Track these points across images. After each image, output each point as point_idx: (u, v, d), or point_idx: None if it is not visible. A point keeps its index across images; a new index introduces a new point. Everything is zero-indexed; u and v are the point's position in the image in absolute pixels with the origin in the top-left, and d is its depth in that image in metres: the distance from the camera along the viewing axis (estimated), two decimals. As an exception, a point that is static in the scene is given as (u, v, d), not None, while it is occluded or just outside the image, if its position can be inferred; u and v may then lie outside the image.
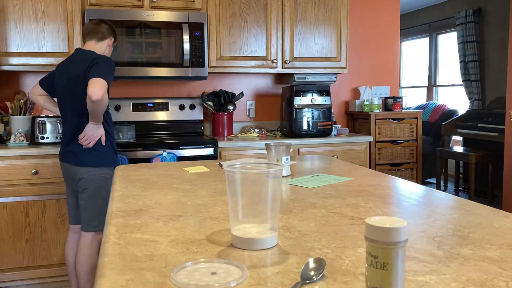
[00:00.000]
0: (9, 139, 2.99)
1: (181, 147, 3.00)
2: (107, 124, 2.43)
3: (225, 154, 3.12)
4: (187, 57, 3.15)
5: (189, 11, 3.21)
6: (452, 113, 5.96)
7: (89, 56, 2.36)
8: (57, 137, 3.01)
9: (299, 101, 3.40)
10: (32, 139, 2.99)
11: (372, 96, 4.00)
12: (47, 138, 3.00)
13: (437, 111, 6.17)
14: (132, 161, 2.88)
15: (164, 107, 3.49)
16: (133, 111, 3.42)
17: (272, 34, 3.41)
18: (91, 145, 2.36)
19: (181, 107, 3.51)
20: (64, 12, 3.02)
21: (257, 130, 3.54)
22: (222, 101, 3.53)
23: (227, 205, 1.30)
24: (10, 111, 3.13)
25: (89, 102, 2.20)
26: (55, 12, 3.00)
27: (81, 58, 2.38)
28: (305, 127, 3.41)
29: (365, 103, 3.81)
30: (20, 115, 3.08)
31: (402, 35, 7.42)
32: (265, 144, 1.77)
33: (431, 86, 6.96)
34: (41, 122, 2.98)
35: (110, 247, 0.94)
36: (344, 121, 4.06)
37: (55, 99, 2.57)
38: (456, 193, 5.48)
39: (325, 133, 3.45)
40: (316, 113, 3.43)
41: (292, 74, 3.50)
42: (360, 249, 0.92)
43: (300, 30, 3.46)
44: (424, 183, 5.95)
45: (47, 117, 3.01)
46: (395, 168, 3.70)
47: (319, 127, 3.43)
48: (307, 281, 0.75)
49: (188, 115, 3.54)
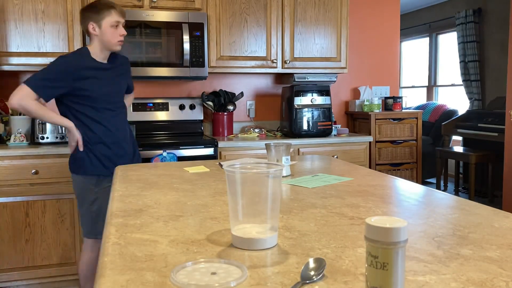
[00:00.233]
0: (9, 139, 2.99)
1: (181, 147, 3.00)
2: (90, 129, 2.27)
3: (225, 154, 3.12)
4: (187, 57, 3.15)
5: (189, 11, 3.21)
6: (452, 113, 5.96)
7: None
8: (57, 137, 3.01)
9: (299, 101, 3.40)
10: (32, 139, 2.99)
11: (372, 96, 4.00)
12: (47, 138, 3.00)
13: (437, 111, 6.17)
14: (132, 161, 2.88)
15: (164, 107, 3.49)
16: (133, 111, 3.42)
17: (272, 34, 3.41)
18: (71, 150, 2.32)
19: (181, 107, 3.51)
20: (64, 12, 3.02)
21: (257, 130, 3.54)
22: (222, 101, 3.53)
23: (227, 205, 1.30)
24: (10, 111, 3.13)
25: None
26: (55, 12, 3.00)
27: None
28: (305, 127, 3.41)
29: (365, 103, 3.81)
30: (20, 115, 3.08)
31: (402, 35, 7.42)
32: (265, 144, 1.77)
33: (431, 86, 6.96)
34: (41, 122, 2.98)
35: (110, 247, 0.94)
36: (344, 121, 4.06)
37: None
38: (456, 193, 5.48)
39: (325, 133, 3.45)
40: (316, 113, 3.43)
41: (292, 74, 3.50)
42: (360, 249, 0.92)
43: (300, 30, 3.46)
44: (424, 183, 5.95)
45: (47, 117, 3.01)
46: (395, 168, 3.70)
47: (319, 127, 3.43)
48: (307, 281, 0.75)
49: (188, 115, 3.54)
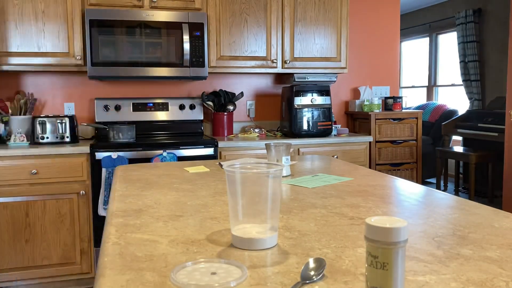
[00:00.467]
0: (9, 139, 2.99)
1: (181, 147, 3.00)
2: None
3: (225, 154, 3.12)
4: (187, 57, 3.15)
5: (189, 11, 3.21)
6: (452, 113, 5.96)
7: None
8: (57, 137, 3.01)
9: (299, 101, 3.40)
10: (32, 139, 2.99)
11: (372, 96, 4.00)
12: (47, 138, 3.00)
13: (437, 111, 6.17)
14: (132, 161, 2.88)
15: (164, 107, 3.49)
16: (133, 111, 3.42)
17: (272, 34, 3.41)
18: None
19: (181, 107, 3.51)
20: (64, 12, 3.02)
21: (257, 130, 3.54)
22: (222, 101, 3.53)
23: (227, 205, 1.30)
24: (10, 111, 3.13)
25: None
26: (55, 12, 3.00)
27: None
28: (305, 127, 3.41)
29: (365, 103, 3.81)
30: (20, 115, 3.08)
31: (402, 35, 7.42)
32: (265, 144, 1.77)
33: (431, 86, 6.96)
34: (41, 122, 2.98)
35: (110, 247, 0.94)
36: (344, 121, 4.06)
37: None
38: (456, 193, 5.48)
39: (325, 133, 3.45)
40: (316, 113, 3.43)
41: (292, 74, 3.50)
42: (360, 249, 0.92)
43: (300, 30, 3.46)
44: (424, 183, 5.95)
45: (47, 117, 3.01)
46: (395, 168, 3.70)
47: (319, 127, 3.43)
48: (307, 281, 0.75)
49: (188, 115, 3.54)
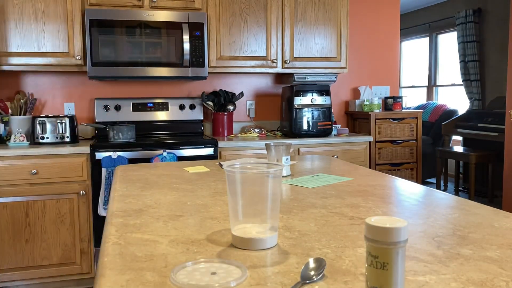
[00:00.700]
0: (9, 139, 2.99)
1: (181, 147, 3.00)
2: None
3: (225, 154, 3.12)
4: (187, 57, 3.15)
5: (189, 11, 3.21)
6: (452, 113, 5.96)
7: None
8: (57, 137, 3.01)
9: (299, 101, 3.40)
10: (32, 139, 2.99)
11: (372, 96, 4.00)
12: (47, 138, 3.00)
13: (437, 111, 6.17)
14: (132, 161, 2.88)
15: (164, 107, 3.49)
16: (133, 111, 3.42)
17: (272, 34, 3.41)
18: None
19: (181, 107, 3.51)
20: (64, 12, 3.02)
21: (257, 130, 3.54)
22: (222, 101, 3.53)
23: (227, 205, 1.30)
24: (10, 111, 3.13)
25: None
26: (55, 12, 3.00)
27: None
28: (305, 127, 3.41)
29: (365, 103, 3.81)
30: (20, 115, 3.08)
31: (402, 35, 7.42)
32: (265, 144, 1.77)
33: (431, 86, 6.96)
34: (41, 122, 2.98)
35: (110, 247, 0.94)
36: (344, 121, 4.06)
37: None
38: (456, 193, 5.48)
39: (325, 133, 3.45)
40: (316, 113, 3.43)
41: (292, 74, 3.50)
42: (360, 249, 0.92)
43: (300, 30, 3.46)
44: (424, 183, 5.95)
45: (47, 117, 3.01)
46: (395, 168, 3.70)
47: (319, 127, 3.43)
48: (307, 281, 0.75)
49: (188, 115, 3.54)
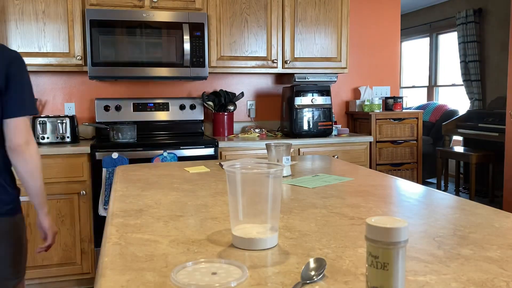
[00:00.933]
0: (10, 139, 2.99)
1: (181, 147, 3.00)
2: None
3: (226, 154, 3.12)
4: (187, 57, 3.15)
5: (190, 11, 3.21)
6: (452, 113, 5.96)
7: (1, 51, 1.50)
8: (57, 137, 3.01)
9: (299, 101, 3.40)
10: (33, 139, 2.99)
11: (372, 96, 4.00)
12: (47, 138, 3.00)
13: (437, 111, 6.17)
14: (133, 161, 2.88)
15: (165, 107, 3.49)
16: (133, 111, 3.42)
17: (272, 34, 3.41)
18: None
19: (182, 107, 3.51)
20: (65, 12, 3.02)
21: (257, 130, 3.54)
22: (223, 101, 3.53)
23: (227, 205, 1.30)
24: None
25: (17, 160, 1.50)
26: (55, 12, 3.00)
27: None
28: (305, 127, 3.41)
29: (366, 103, 3.81)
30: (20, 115, 3.08)
31: (402, 35, 7.42)
32: (266, 144, 1.77)
33: (432, 86, 6.96)
34: (41, 122, 2.99)
35: (110, 247, 0.94)
36: (344, 121, 4.06)
37: None
38: (457, 193, 5.48)
39: (326, 133, 3.45)
40: (316, 113, 3.43)
41: (292, 74, 3.50)
42: (361, 249, 0.92)
43: (301, 30, 3.46)
44: (424, 183, 5.95)
45: (47, 117, 3.01)
46: (395, 168, 3.69)
47: (319, 127, 3.43)
48: (308, 281, 0.75)
49: (189, 115, 3.54)
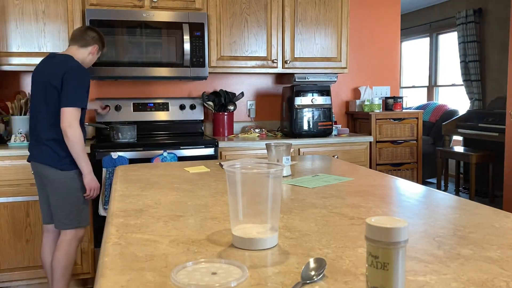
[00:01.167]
0: (10, 139, 2.99)
1: (181, 147, 3.00)
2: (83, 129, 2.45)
3: (226, 154, 3.12)
4: (187, 57, 3.15)
5: (190, 11, 3.21)
6: (452, 113, 5.96)
7: (64, 62, 2.33)
8: (57, 137, 3.01)
9: (299, 101, 3.40)
10: (33, 139, 2.99)
11: (372, 96, 4.00)
12: (47, 138, 3.00)
13: (437, 111, 6.17)
14: (133, 161, 2.88)
15: (165, 107, 3.49)
16: (133, 111, 3.42)
17: (272, 34, 3.41)
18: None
19: (182, 107, 3.51)
20: (65, 12, 3.02)
21: (257, 130, 3.54)
22: (223, 101, 3.53)
23: (227, 205, 1.30)
24: (10, 111, 3.13)
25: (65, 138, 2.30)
26: (55, 12, 3.00)
27: (57, 62, 2.34)
28: (305, 127, 3.41)
29: (366, 103, 3.81)
30: (20, 115, 3.08)
31: (402, 35, 7.41)
32: (266, 144, 1.77)
33: (432, 86, 6.96)
34: (41, 122, 2.98)
35: (110, 247, 0.94)
36: (344, 121, 4.06)
37: None
38: (457, 193, 5.48)
39: (326, 133, 3.45)
40: (316, 113, 3.43)
41: (292, 74, 3.50)
42: (361, 249, 0.92)
43: (301, 30, 3.46)
44: (424, 183, 5.95)
45: (47, 117, 3.01)
46: (395, 168, 3.69)
47: (319, 127, 3.43)
48: (308, 281, 0.75)
49: (189, 115, 3.54)
